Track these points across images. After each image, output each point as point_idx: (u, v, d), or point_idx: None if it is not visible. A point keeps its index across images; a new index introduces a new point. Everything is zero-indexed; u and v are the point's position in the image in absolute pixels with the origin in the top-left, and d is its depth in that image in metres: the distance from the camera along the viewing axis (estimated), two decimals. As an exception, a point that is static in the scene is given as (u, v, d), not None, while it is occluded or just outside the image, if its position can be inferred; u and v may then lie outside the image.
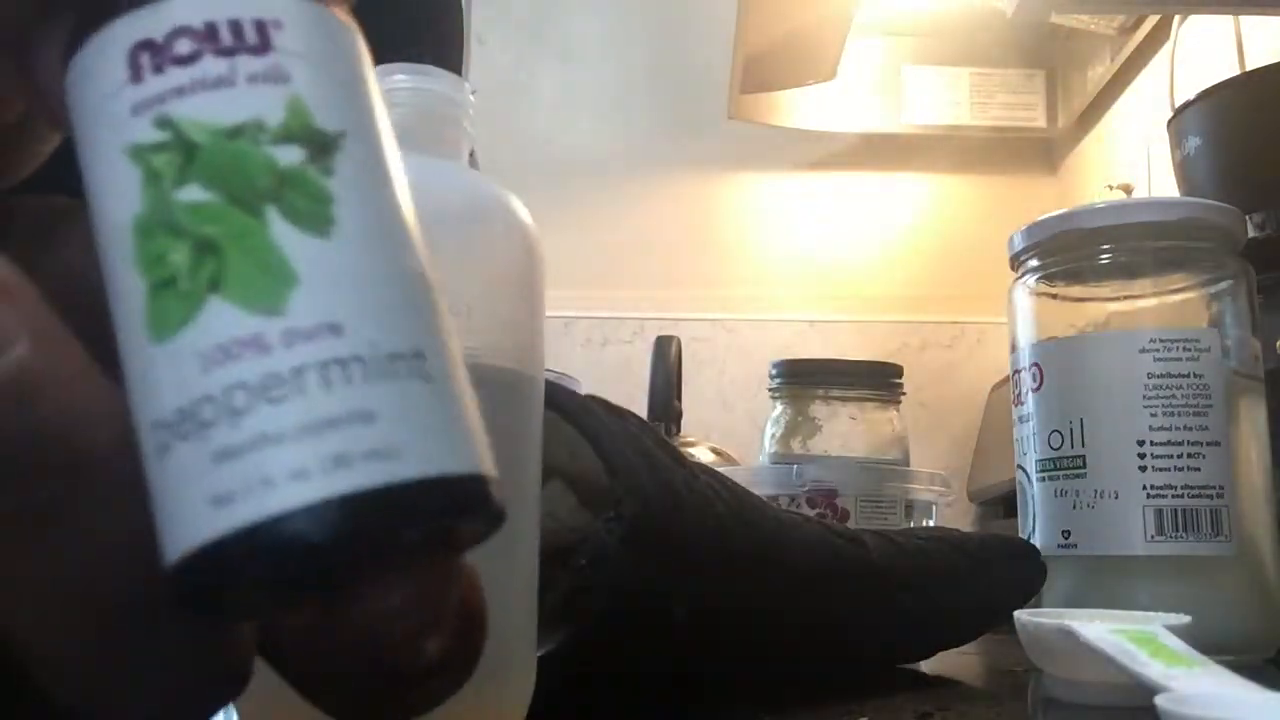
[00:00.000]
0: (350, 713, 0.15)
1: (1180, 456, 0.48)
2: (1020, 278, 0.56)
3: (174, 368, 0.13)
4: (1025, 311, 0.55)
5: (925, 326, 1.31)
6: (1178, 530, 0.47)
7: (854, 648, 0.41)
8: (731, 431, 1.12)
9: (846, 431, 0.73)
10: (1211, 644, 0.35)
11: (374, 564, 0.13)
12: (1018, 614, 0.39)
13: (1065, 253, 0.53)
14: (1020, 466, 0.54)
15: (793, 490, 0.66)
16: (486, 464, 0.14)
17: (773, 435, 0.74)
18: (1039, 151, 1.34)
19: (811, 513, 0.64)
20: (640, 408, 1.02)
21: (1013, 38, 1.22)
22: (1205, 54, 0.92)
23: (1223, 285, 0.51)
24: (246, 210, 0.13)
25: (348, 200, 0.14)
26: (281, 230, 0.13)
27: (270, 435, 0.12)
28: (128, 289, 0.13)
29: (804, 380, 0.74)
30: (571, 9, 1.46)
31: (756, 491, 0.41)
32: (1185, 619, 0.37)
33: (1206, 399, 0.48)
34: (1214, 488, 0.48)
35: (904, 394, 0.76)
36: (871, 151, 1.35)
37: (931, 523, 0.69)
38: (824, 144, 1.34)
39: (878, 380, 0.74)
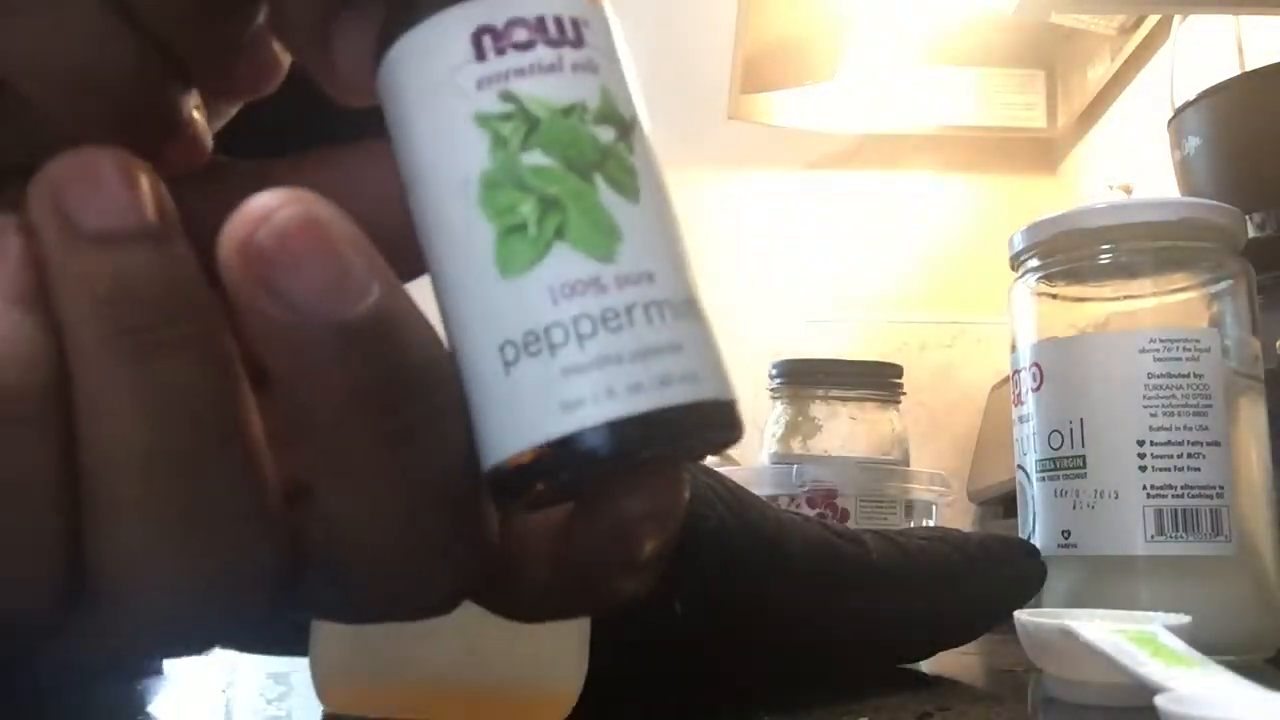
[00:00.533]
0: (550, 611, 0.19)
1: (1180, 456, 0.48)
2: (1020, 278, 0.56)
3: (524, 298, 0.16)
4: (1025, 311, 0.55)
5: (925, 326, 1.31)
6: (1178, 530, 0.47)
7: (854, 648, 0.41)
8: (731, 431, 1.12)
9: (846, 431, 0.73)
10: (1211, 644, 0.35)
11: (640, 469, 0.16)
12: (1018, 614, 0.39)
13: (1065, 253, 0.53)
14: (1020, 466, 0.54)
15: (793, 490, 0.66)
16: (734, 390, 0.17)
17: (773, 435, 0.74)
18: (1039, 151, 1.34)
19: (811, 513, 0.64)
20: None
21: (1013, 38, 1.22)
22: (1205, 54, 0.92)
23: (1223, 285, 0.51)
24: (580, 176, 0.16)
25: (644, 174, 0.17)
26: (607, 194, 0.16)
27: (611, 356, 0.15)
28: (471, 231, 0.16)
29: (804, 380, 0.74)
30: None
31: (756, 491, 0.41)
32: (1185, 619, 0.37)
33: (1206, 399, 0.48)
34: (1214, 488, 0.48)
35: (904, 394, 0.75)
36: (871, 151, 1.35)
37: (931, 523, 0.69)
38: (824, 144, 1.34)
39: (878, 380, 0.74)
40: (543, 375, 0.15)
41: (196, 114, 0.18)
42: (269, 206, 0.14)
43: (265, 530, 0.16)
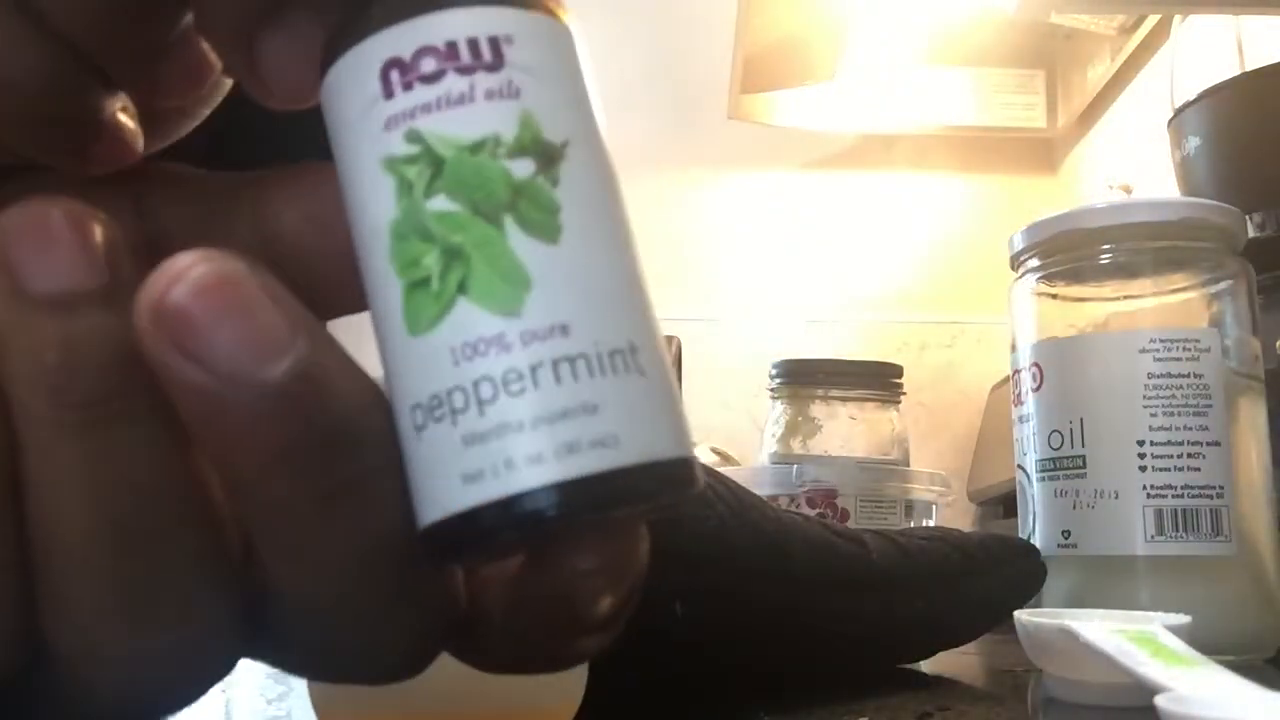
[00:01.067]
0: (511, 664, 0.18)
1: (1180, 456, 0.48)
2: (1020, 278, 0.56)
3: (428, 359, 0.14)
4: (1025, 311, 0.55)
5: (925, 326, 1.31)
6: (1178, 530, 0.47)
7: (854, 648, 0.41)
8: (731, 431, 1.12)
9: (846, 431, 0.73)
10: (1211, 644, 0.35)
11: (585, 530, 0.15)
12: (1018, 614, 0.39)
13: (1065, 253, 0.53)
14: (1020, 466, 0.54)
15: (793, 490, 0.66)
16: (688, 444, 0.15)
17: (773, 435, 0.74)
18: (1039, 151, 1.34)
19: (811, 513, 0.64)
20: (640, 408, 1.01)
21: (1013, 38, 1.22)
22: (1205, 54, 0.92)
23: (1223, 285, 0.51)
24: (487, 220, 0.15)
25: (572, 207, 0.15)
26: (517, 239, 0.15)
27: (511, 424, 0.14)
28: (385, 285, 0.15)
29: (804, 380, 0.74)
30: (571, 9, 1.46)
31: (756, 491, 0.41)
32: (1185, 619, 0.37)
33: (1206, 399, 0.48)
34: (1214, 488, 0.48)
35: (904, 394, 0.75)
36: (871, 151, 1.35)
37: (931, 523, 0.69)
38: (824, 144, 1.34)
39: (878, 380, 0.74)
40: (445, 443, 0.14)
41: (123, 115, 0.17)
42: (181, 267, 0.14)
43: (222, 596, 0.15)
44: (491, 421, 0.14)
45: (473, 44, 0.15)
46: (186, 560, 0.15)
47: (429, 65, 0.15)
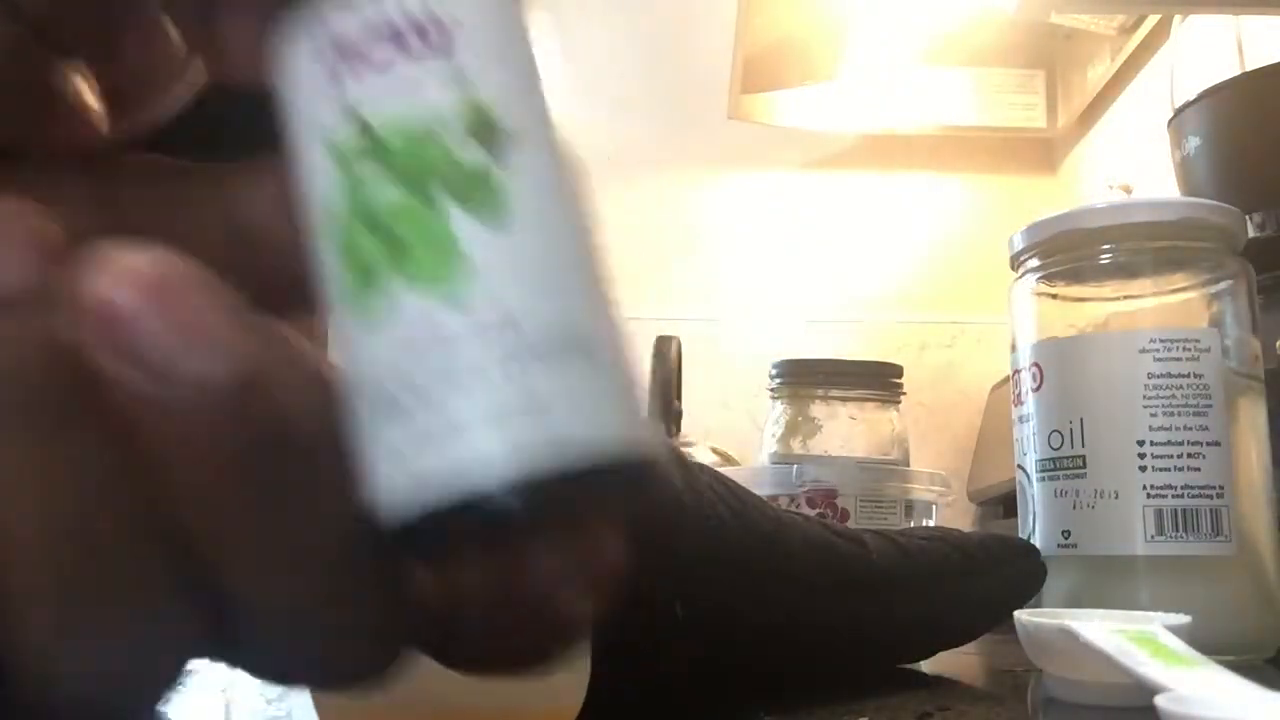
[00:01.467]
0: (483, 663, 0.17)
1: (1180, 456, 0.48)
2: (1020, 278, 0.56)
3: (375, 352, 0.14)
4: (1025, 311, 0.55)
5: (925, 326, 1.31)
6: (1178, 530, 0.47)
7: (854, 648, 0.41)
8: (731, 431, 1.12)
9: (846, 431, 0.73)
10: (1211, 644, 0.35)
11: (546, 530, 0.15)
12: (1018, 614, 0.39)
13: (1065, 253, 0.53)
14: (1020, 466, 0.54)
15: (793, 490, 0.66)
16: (645, 437, 0.14)
17: (773, 435, 0.74)
18: (1039, 151, 1.34)
19: (811, 513, 0.64)
20: (640, 408, 1.01)
21: (1013, 38, 1.22)
22: (1205, 54, 0.92)
23: (1223, 285, 0.51)
24: (430, 207, 0.14)
25: (521, 193, 0.14)
26: (461, 225, 0.14)
27: (455, 419, 0.13)
28: (335, 276, 0.14)
29: (804, 380, 0.74)
30: (572, 9, 1.46)
31: (756, 491, 0.41)
32: (1185, 619, 0.37)
33: (1206, 399, 0.48)
34: (1214, 488, 0.48)
35: (904, 394, 0.75)
36: (871, 151, 1.35)
37: (931, 523, 0.69)
38: (824, 144, 1.34)
39: (878, 380, 0.74)
40: (393, 440, 0.14)
41: (84, 96, 0.17)
42: (113, 263, 0.13)
43: (172, 600, 0.15)
44: (436, 417, 0.13)
45: (419, 27, 0.14)
46: (135, 564, 0.14)
47: (374, 49, 0.14)
